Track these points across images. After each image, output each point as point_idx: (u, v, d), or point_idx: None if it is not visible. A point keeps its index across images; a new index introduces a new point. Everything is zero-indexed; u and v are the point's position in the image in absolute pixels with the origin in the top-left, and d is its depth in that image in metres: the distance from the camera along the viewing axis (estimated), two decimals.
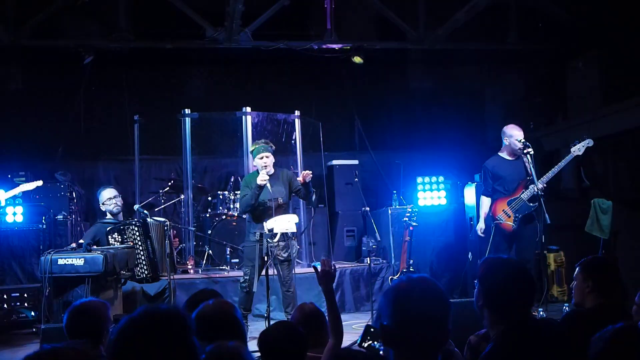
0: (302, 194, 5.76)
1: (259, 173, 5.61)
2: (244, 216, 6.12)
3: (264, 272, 5.76)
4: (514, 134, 6.05)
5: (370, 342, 2.24)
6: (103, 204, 5.80)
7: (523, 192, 5.94)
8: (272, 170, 5.61)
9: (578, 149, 5.91)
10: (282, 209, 5.61)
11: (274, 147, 5.71)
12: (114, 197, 5.82)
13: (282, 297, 5.73)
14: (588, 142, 5.92)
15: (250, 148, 5.76)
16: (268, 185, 5.49)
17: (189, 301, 2.78)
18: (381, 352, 2.26)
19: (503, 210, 6.01)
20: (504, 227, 5.98)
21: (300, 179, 5.63)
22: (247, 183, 5.71)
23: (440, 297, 1.80)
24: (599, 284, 2.90)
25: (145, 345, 1.48)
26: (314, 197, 6.01)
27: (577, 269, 3.06)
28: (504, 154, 6.17)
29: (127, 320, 1.54)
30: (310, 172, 5.63)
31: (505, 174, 6.08)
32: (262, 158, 5.57)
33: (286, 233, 5.51)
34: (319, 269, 2.92)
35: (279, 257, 5.57)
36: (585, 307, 2.98)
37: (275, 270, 5.70)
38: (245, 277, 5.64)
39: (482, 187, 6.35)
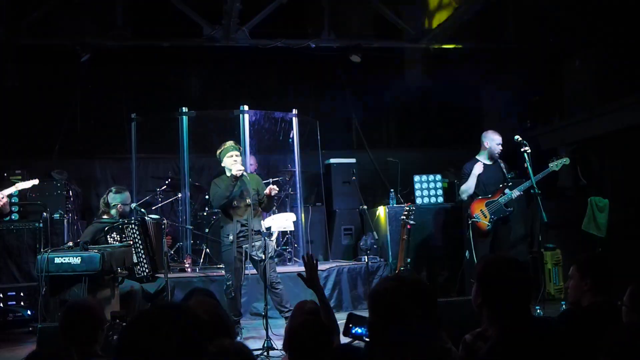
0: (263, 204, 5.77)
1: (226, 176, 5.64)
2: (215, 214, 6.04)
3: (255, 272, 5.76)
4: (494, 139, 6.33)
5: (355, 328, 2.28)
6: (125, 204, 5.66)
7: (501, 196, 6.23)
8: (243, 168, 5.63)
9: (556, 165, 6.18)
10: (248, 210, 5.57)
11: (241, 149, 5.78)
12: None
13: (271, 296, 5.58)
14: (565, 161, 6.19)
15: (218, 151, 5.75)
16: (245, 181, 5.52)
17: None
18: (366, 339, 2.30)
19: (480, 210, 6.27)
20: (479, 225, 6.25)
21: (267, 191, 5.63)
22: (216, 184, 5.70)
23: (427, 296, 1.79)
24: (596, 282, 2.90)
25: (149, 342, 1.46)
26: (274, 207, 6.21)
27: (572, 267, 3.06)
28: (482, 158, 6.40)
29: (134, 319, 1.54)
30: (277, 188, 5.69)
31: (484, 177, 6.33)
32: (232, 156, 5.62)
33: (260, 231, 5.54)
34: (304, 268, 2.92)
35: (255, 258, 5.48)
36: (581, 306, 2.98)
37: (256, 270, 5.67)
38: (228, 283, 5.60)
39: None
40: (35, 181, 6.18)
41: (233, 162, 5.59)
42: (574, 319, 2.82)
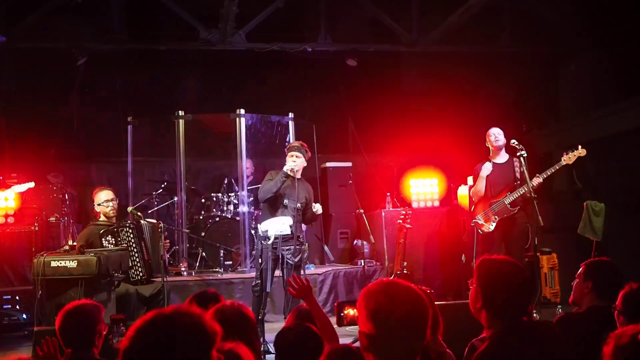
0: (307, 216, 5.85)
1: (281, 171, 5.73)
2: (262, 205, 6.14)
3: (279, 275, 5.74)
4: (489, 133, 6.25)
5: (348, 312, 2.29)
6: (99, 204, 5.63)
7: (506, 196, 6.04)
8: (299, 169, 5.72)
9: (569, 157, 5.95)
10: (297, 214, 5.62)
11: (309, 154, 5.84)
12: (112, 199, 5.70)
13: (286, 302, 5.50)
14: (580, 152, 5.96)
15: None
16: (298, 185, 5.62)
17: (197, 302, 2.69)
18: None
19: (484, 211, 6.12)
20: (481, 227, 6.10)
21: (315, 210, 5.77)
22: (271, 174, 5.81)
23: (418, 301, 1.77)
24: (596, 287, 2.93)
25: (163, 351, 1.41)
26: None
27: (581, 268, 3.09)
28: (492, 157, 6.30)
29: (152, 320, 1.45)
30: (321, 210, 5.85)
31: (492, 177, 6.17)
32: (292, 156, 5.73)
33: (299, 237, 5.57)
34: (293, 287, 2.93)
35: (289, 262, 5.46)
36: (581, 307, 3.01)
37: (282, 273, 5.65)
38: (258, 281, 5.51)
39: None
40: (31, 184, 6.15)
41: (292, 161, 5.70)
42: (570, 323, 2.83)
